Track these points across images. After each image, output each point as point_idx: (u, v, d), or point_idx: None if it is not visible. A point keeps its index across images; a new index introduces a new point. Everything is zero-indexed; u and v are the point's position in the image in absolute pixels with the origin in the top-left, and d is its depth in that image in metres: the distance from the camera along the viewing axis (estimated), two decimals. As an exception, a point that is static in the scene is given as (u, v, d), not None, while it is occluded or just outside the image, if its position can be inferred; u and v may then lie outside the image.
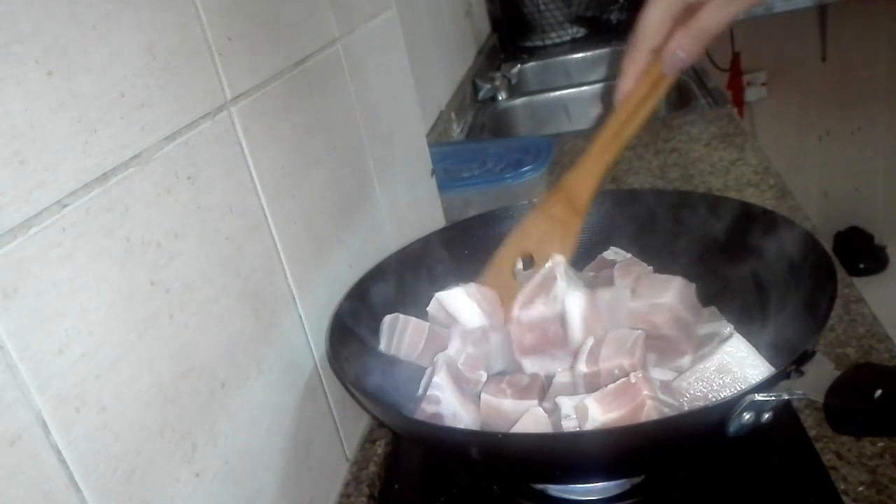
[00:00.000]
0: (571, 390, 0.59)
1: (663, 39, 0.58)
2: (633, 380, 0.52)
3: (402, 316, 0.68)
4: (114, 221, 0.40)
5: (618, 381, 0.53)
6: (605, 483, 0.59)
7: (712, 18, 0.56)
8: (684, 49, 0.57)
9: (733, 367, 0.53)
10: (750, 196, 1.04)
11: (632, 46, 0.60)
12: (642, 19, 0.58)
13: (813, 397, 0.45)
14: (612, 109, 0.63)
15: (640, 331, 0.59)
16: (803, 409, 0.64)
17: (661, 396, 0.53)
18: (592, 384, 0.58)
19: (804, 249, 0.61)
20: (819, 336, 0.51)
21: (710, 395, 0.54)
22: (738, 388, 0.52)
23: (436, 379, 0.60)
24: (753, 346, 0.62)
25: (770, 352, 0.61)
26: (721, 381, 0.53)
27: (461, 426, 0.59)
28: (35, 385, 0.34)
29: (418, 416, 0.60)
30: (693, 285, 0.71)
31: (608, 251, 0.76)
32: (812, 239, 0.62)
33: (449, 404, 0.59)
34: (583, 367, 0.59)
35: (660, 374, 0.60)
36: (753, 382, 0.51)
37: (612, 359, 0.57)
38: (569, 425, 0.53)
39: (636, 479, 0.59)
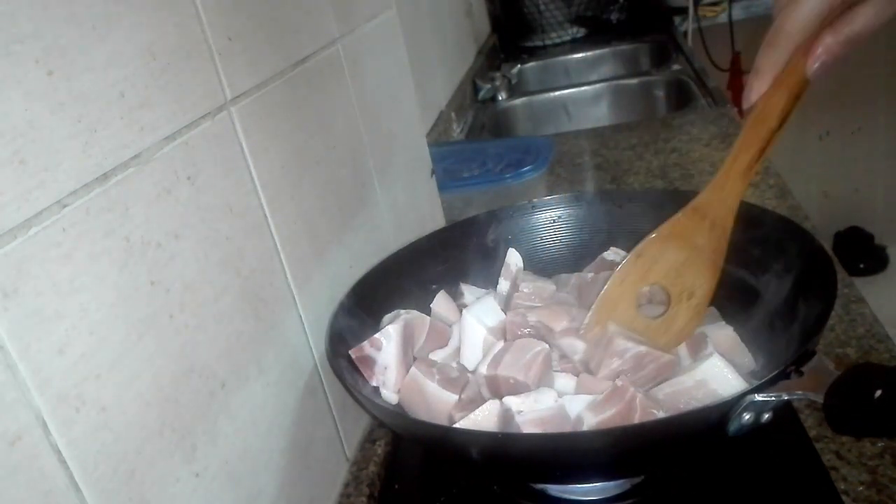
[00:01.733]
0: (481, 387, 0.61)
1: (806, 39, 0.51)
2: (619, 383, 0.54)
3: (402, 311, 0.68)
4: (114, 221, 0.40)
5: (604, 392, 0.55)
6: (604, 483, 0.59)
7: (866, 20, 0.49)
8: (831, 53, 0.50)
9: (710, 383, 0.54)
10: (750, 196, 1.04)
11: (769, 44, 0.52)
12: (788, 15, 0.50)
13: (812, 397, 0.45)
14: (746, 114, 0.56)
15: (545, 346, 0.60)
16: (803, 409, 0.64)
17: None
18: (492, 388, 0.60)
19: (804, 249, 0.61)
20: (819, 336, 0.51)
21: (684, 408, 0.55)
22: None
23: (389, 327, 0.63)
24: (752, 345, 0.63)
25: (769, 352, 0.61)
26: (697, 396, 0.54)
27: (385, 383, 0.62)
28: (35, 385, 0.34)
29: (354, 352, 0.62)
30: None
31: (608, 251, 0.76)
32: (812, 239, 0.62)
33: (387, 355, 0.62)
34: (483, 370, 0.61)
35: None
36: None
37: (509, 369, 0.59)
38: (522, 420, 0.55)
39: (636, 480, 0.59)
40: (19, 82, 0.34)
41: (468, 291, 0.75)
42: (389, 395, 0.63)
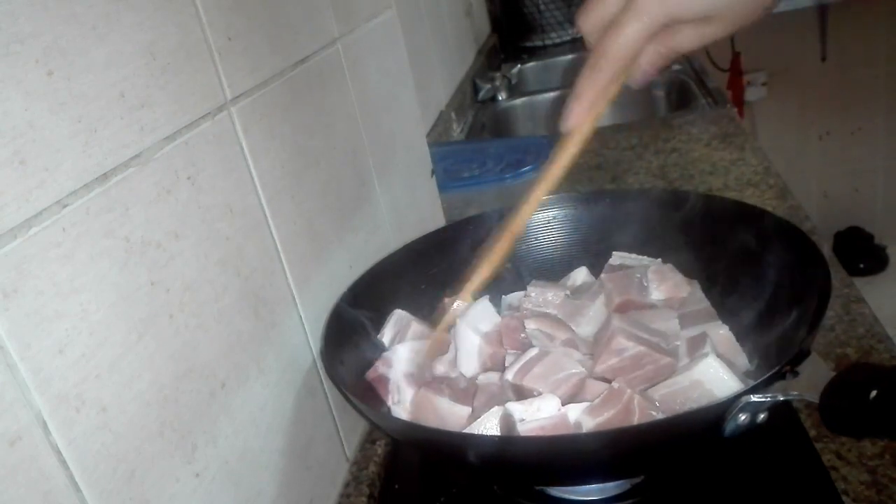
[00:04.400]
0: (497, 391, 0.61)
1: (632, 60, 0.53)
2: (615, 386, 0.54)
3: (407, 315, 0.69)
4: (114, 221, 0.40)
5: (601, 395, 0.55)
6: (604, 483, 0.59)
7: (686, 39, 0.52)
8: (653, 65, 0.53)
9: (706, 384, 0.54)
10: (750, 196, 1.04)
11: (592, 68, 0.53)
12: (614, 39, 0.51)
13: (808, 398, 0.45)
14: (562, 137, 0.58)
15: (581, 371, 0.59)
16: (803, 409, 0.64)
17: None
18: (516, 393, 0.60)
19: (799, 249, 0.61)
20: (813, 337, 0.51)
21: (680, 409, 0.55)
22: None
23: (397, 346, 0.64)
24: (748, 345, 0.62)
25: (765, 352, 0.61)
26: (693, 396, 0.54)
27: (400, 401, 0.62)
28: (35, 385, 0.34)
29: (369, 374, 0.63)
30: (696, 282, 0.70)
31: (613, 257, 0.75)
32: (806, 238, 0.62)
33: (397, 372, 0.63)
34: (509, 376, 0.61)
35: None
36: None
37: (536, 381, 0.59)
38: (524, 429, 0.54)
39: (636, 480, 0.59)
40: (19, 82, 0.34)
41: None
42: (402, 413, 0.62)
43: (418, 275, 0.76)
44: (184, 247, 0.46)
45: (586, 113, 0.55)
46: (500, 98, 1.85)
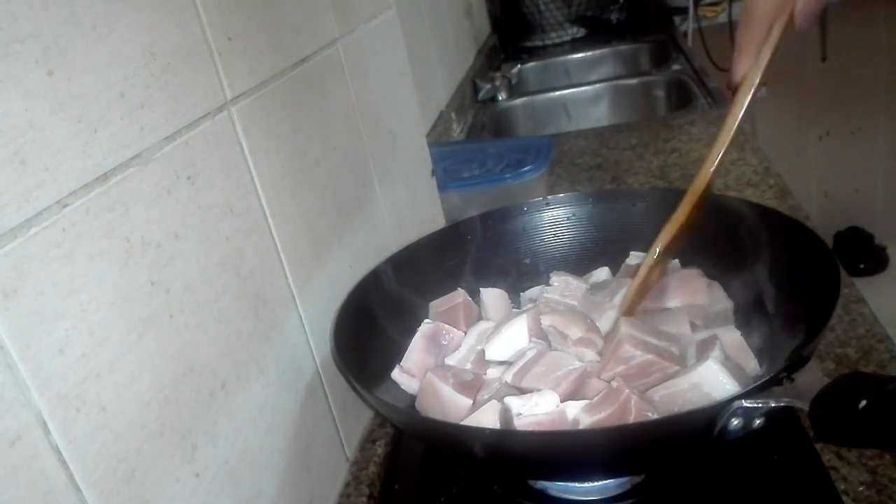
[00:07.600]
0: (502, 387, 0.62)
1: (780, 10, 0.57)
2: (614, 385, 0.55)
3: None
4: (114, 221, 0.40)
5: (601, 393, 0.55)
6: (604, 483, 0.59)
7: None
8: (811, 10, 0.56)
9: (705, 387, 0.54)
10: (750, 196, 1.04)
11: (747, 23, 0.58)
12: None
13: (799, 405, 0.45)
14: (734, 90, 0.61)
15: (580, 365, 0.59)
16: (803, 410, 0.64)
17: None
18: (515, 393, 0.60)
19: (809, 252, 0.61)
20: (814, 345, 0.51)
21: (679, 410, 0.55)
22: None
23: (425, 321, 0.69)
24: (762, 349, 0.62)
25: (775, 356, 0.61)
26: (692, 398, 0.54)
27: (403, 364, 0.66)
28: (35, 385, 0.34)
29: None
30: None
31: (630, 257, 0.76)
32: (818, 241, 0.61)
33: (417, 337, 0.68)
34: (508, 378, 0.61)
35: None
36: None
37: (536, 382, 0.59)
38: (520, 423, 0.55)
39: (636, 479, 0.59)
40: (19, 82, 0.34)
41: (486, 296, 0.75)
42: (397, 376, 0.66)
43: (433, 267, 0.77)
44: (184, 247, 0.46)
45: (749, 63, 0.59)
46: (500, 98, 1.84)
